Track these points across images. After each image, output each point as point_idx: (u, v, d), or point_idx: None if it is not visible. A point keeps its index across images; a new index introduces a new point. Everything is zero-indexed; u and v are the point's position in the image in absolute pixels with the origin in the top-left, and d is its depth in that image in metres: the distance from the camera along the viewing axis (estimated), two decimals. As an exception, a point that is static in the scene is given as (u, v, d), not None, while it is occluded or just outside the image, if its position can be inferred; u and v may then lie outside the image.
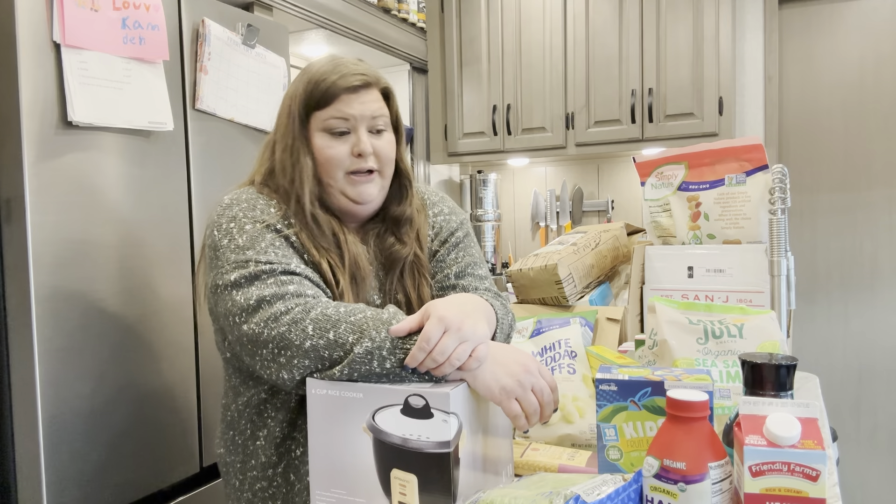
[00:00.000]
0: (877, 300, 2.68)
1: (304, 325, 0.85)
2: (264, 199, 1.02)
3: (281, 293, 0.89)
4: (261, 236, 0.96)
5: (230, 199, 1.02)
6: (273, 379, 0.88)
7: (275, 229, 0.98)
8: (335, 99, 1.01)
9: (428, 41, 3.08)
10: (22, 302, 1.28)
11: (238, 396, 1.04)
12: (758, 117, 2.78)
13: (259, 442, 1.02)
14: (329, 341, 0.83)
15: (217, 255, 0.96)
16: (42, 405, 1.29)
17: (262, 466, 1.01)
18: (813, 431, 0.62)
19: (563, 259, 1.35)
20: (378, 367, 0.81)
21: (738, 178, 1.27)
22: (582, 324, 1.22)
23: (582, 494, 0.61)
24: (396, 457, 0.76)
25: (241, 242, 0.95)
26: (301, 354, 0.84)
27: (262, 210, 1.00)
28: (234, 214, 0.99)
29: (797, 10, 2.74)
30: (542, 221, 3.19)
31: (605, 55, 2.71)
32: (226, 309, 0.92)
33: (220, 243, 0.97)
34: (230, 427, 1.06)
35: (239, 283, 0.92)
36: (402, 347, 0.81)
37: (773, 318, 0.98)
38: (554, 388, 0.87)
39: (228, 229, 0.97)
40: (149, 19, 1.48)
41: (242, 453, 1.04)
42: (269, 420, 1.01)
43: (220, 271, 0.95)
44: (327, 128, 1.02)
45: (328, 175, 1.03)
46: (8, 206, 1.29)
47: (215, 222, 1.00)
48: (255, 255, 0.94)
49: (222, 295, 0.93)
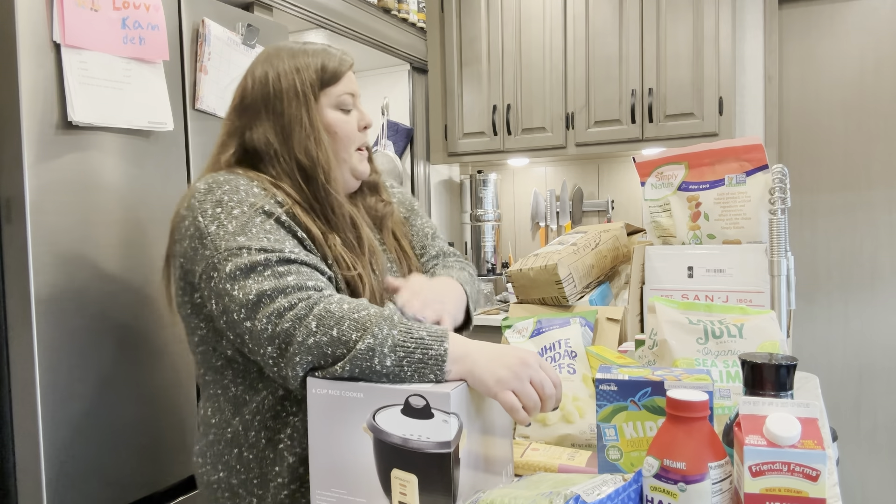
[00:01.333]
0: (877, 300, 2.68)
1: (307, 322, 0.84)
2: (245, 179, 0.98)
3: (281, 286, 0.87)
4: (251, 221, 0.92)
5: (208, 184, 0.96)
6: (280, 376, 0.86)
7: (264, 211, 0.94)
8: (343, 76, 1.05)
9: (428, 41, 3.08)
10: (22, 302, 1.28)
11: (242, 407, 0.98)
12: (758, 117, 2.78)
13: (283, 444, 0.96)
14: (332, 338, 0.82)
15: (205, 244, 0.92)
16: (42, 405, 1.29)
17: (289, 469, 0.95)
18: (813, 431, 0.62)
19: (563, 259, 1.35)
20: (378, 364, 0.81)
21: (738, 178, 1.27)
22: (582, 324, 1.22)
23: (582, 494, 0.61)
24: (397, 457, 0.76)
25: (231, 228, 0.91)
26: (304, 351, 0.83)
27: (246, 191, 0.95)
28: (218, 198, 0.94)
29: (797, 10, 2.74)
30: (542, 221, 3.19)
31: (605, 55, 2.71)
32: (223, 305, 0.89)
33: (207, 230, 0.92)
34: (232, 445, 0.99)
35: (234, 275, 0.88)
36: (403, 346, 0.81)
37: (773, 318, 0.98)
38: (557, 383, 0.84)
39: (215, 215, 0.93)
40: (149, 19, 1.48)
41: (259, 467, 0.97)
42: (292, 416, 0.96)
43: (211, 262, 0.90)
44: (340, 104, 1.05)
45: (345, 150, 1.05)
46: (8, 206, 1.29)
47: (197, 208, 0.94)
48: (248, 242, 0.90)
49: (217, 288, 0.89)
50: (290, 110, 1.01)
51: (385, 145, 3.02)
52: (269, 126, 1.01)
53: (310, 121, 1.01)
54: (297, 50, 1.04)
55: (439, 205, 3.35)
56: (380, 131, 3.04)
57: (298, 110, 1.01)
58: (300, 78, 1.02)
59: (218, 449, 1.00)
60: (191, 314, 0.99)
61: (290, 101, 1.01)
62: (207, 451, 1.02)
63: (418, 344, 0.82)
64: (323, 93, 1.03)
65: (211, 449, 1.01)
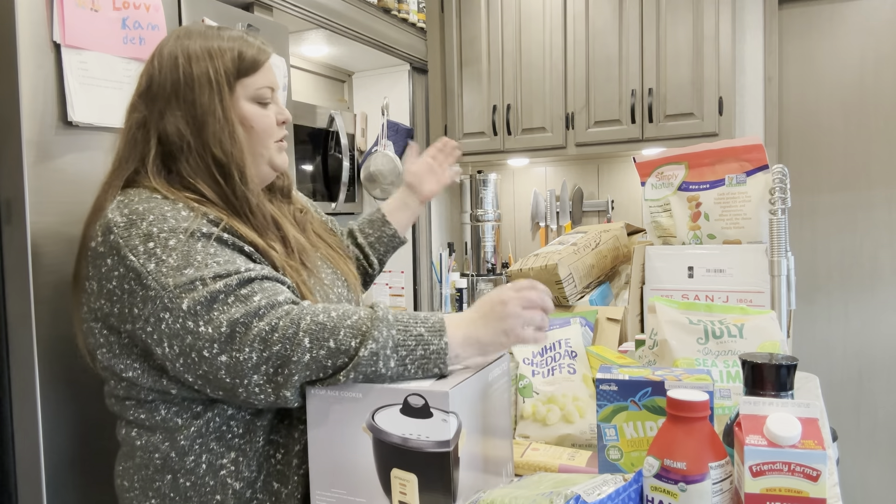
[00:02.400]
0: (877, 300, 2.67)
1: (298, 339, 0.79)
2: (161, 200, 0.89)
3: (253, 310, 0.80)
4: (192, 249, 0.84)
5: (126, 216, 0.86)
6: (267, 402, 0.82)
7: (202, 234, 0.86)
8: (261, 67, 0.98)
9: (428, 41, 3.08)
10: (22, 302, 1.28)
11: (175, 432, 0.89)
12: (758, 117, 2.78)
13: (225, 471, 0.89)
14: (331, 350, 0.79)
15: (145, 285, 0.82)
16: (42, 405, 1.29)
17: (234, 496, 0.89)
18: (813, 431, 0.62)
19: (563, 259, 1.35)
20: (383, 367, 0.79)
21: (738, 178, 1.27)
22: (582, 324, 1.22)
23: (582, 494, 0.61)
24: (396, 456, 0.76)
25: (173, 262, 0.82)
26: (301, 369, 0.79)
27: (174, 217, 0.87)
28: (145, 232, 0.85)
29: (797, 11, 2.74)
30: (542, 221, 3.19)
31: (605, 55, 2.71)
32: (183, 345, 0.81)
33: (144, 269, 0.83)
34: (164, 471, 0.90)
35: (194, 311, 0.80)
36: (404, 345, 0.81)
37: (774, 318, 0.98)
38: (538, 287, 0.87)
39: (149, 250, 0.83)
40: (149, 19, 1.48)
41: (197, 495, 0.89)
42: (237, 439, 0.90)
43: (159, 303, 0.81)
44: (257, 97, 0.98)
45: (262, 145, 0.99)
46: (8, 206, 1.29)
47: (123, 245, 0.84)
48: (198, 273, 0.82)
49: (172, 329, 0.81)
50: (202, 99, 0.92)
51: (385, 145, 3.02)
52: (179, 116, 0.92)
53: (224, 113, 0.93)
54: (210, 34, 0.96)
55: (439, 205, 3.35)
56: (380, 131, 3.04)
57: (212, 100, 0.92)
58: (213, 65, 0.93)
59: (147, 474, 0.91)
60: (119, 355, 0.90)
61: (202, 89, 0.92)
62: (135, 475, 0.93)
63: (418, 341, 0.81)
64: (239, 83, 0.95)
65: (139, 473, 0.92)
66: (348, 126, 2.94)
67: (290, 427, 0.93)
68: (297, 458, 0.92)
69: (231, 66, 0.94)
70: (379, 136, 3.04)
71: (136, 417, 0.92)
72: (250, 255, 0.90)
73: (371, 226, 1.34)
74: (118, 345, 0.89)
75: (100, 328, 0.90)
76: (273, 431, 0.92)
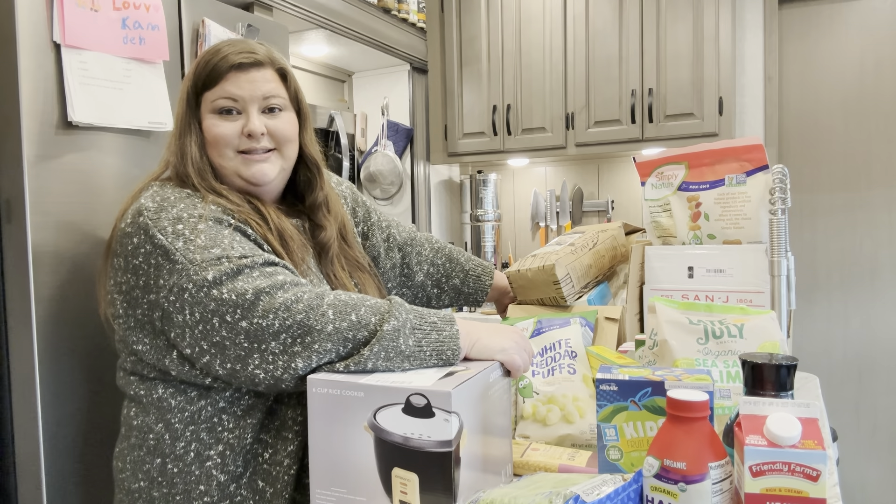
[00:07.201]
0: (877, 300, 2.68)
1: (322, 311, 0.83)
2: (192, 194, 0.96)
3: (278, 283, 0.84)
4: (219, 233, 0.89)
5: (157, 202, 0.92)
6: (272, 377, 0.84)
7: (228, 224, 0.92)
8: (222, 78, 0.99)
9: (428, 41, 3.08)
10: (22, 302, 1.28)
11: (167, 414, 0.92)
12: (758, 117, 2.78)
13: (211, 462, 0.91)
14: (352, 323, 0.83)
15: (172, 259, 0.86)
16: (42, 405, 1.29)
17: (219, 487, 0.91)
18: (813, 431, 0.62)
19: (560, 259, 1.35)
20: (403, 343, 0.83)
21: (738, 178, 1.27)
22: (582, 324, 1.22)
23: (582, 494, 0.61)
24: (398, 456, 0.76)
25: (201, 242, 0.87)
26: (324, 338, 0.82)
27: (202, 207, 0.93)
28: (176, 215, 0.90)
29: (797, 11, 2.75)
30: (542, 222, 3.19)
31: (605, 55, 2.71)
32: (205, 312, 0.84)
33: (172, 246, 0.87)
34: (155, 454, 0.93)
35: (219, 280, 0.84)
36: (420, 328, 0.84)
37: (774, 318, 0.98)
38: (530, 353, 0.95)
39: (178, 231, 0.88)
40: (149, 19, 1.48)
41: (183, 482, 0.91)
42: (227, 433, 0.92)
43: (185, 274, 0.85)
44: (215, 108, 1.00)
45: (219, 155, 1.00)
46: (8, 206, 1.29)
47: (151, 226, 0.89)
48: (225, 252, 0.86)
49: (195, 297, 0.84)
50: (180, 113, 1.02)
51: (385, 145, 3.03)
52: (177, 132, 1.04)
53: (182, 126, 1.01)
54: (204, 52, 1.02)
55: (439, 205, 3.35)
56: (380, 131, 3.04)
57: (179, 116, 1.02)
58: (187, 82, 1.01)
59: (139, 455, 0.94)
60: (133, 328, 0.94)
61: (181, 104, 1.02)
62: (128, 456, 0.96)
63: (433, 327, 0.86)
64: (203, 98, 1.00)
65: (132, 454, 0.95)
66: (348, 126, 2.94)
67: (280, 429, 0.95)
68: (287, 460, 0.93)
69: (197, 81, 1.00)
70: (379, 136, 3.05)
71: (136, 393, 0.96)
72: None
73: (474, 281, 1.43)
74: (134, 318, 0.93)
75: (121, 300, 0.94)
76: (263, 430, 0.94)
